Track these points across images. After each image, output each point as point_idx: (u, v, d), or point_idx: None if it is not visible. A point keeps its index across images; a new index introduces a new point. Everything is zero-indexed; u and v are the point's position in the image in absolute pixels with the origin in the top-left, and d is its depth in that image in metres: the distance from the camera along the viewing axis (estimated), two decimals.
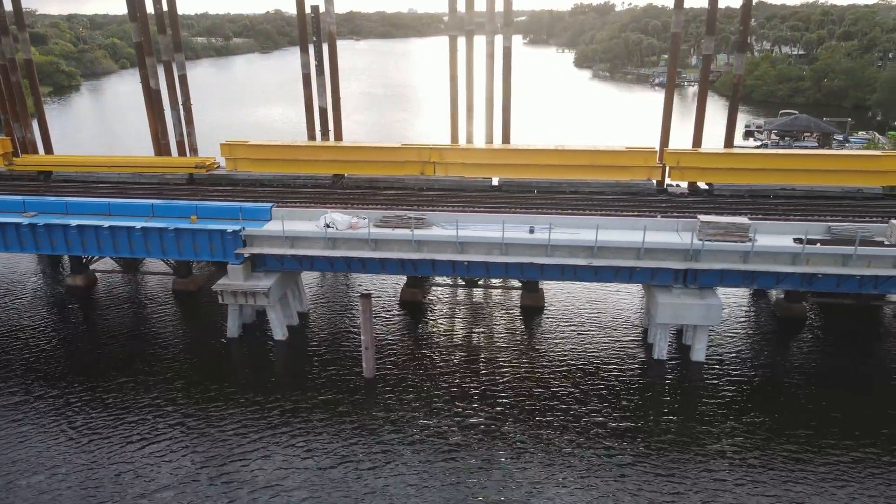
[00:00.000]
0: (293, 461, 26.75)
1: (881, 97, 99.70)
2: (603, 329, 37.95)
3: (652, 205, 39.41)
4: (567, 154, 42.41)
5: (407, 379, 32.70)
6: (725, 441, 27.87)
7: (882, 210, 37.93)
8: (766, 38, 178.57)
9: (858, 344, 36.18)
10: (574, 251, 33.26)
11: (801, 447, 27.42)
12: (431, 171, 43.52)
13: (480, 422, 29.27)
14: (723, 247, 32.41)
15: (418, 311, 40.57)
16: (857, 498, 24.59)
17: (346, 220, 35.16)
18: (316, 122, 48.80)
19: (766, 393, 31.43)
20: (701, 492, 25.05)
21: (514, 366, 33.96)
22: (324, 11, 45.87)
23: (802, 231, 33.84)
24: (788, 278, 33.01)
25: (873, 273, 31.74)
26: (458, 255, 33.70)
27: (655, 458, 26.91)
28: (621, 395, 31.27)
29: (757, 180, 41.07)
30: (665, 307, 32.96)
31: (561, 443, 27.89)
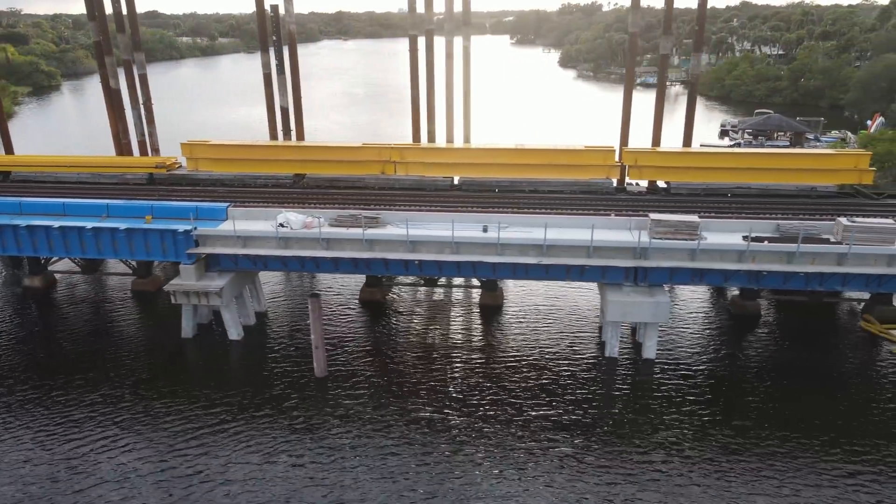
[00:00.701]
0: (234, 457, 26.78)
1: (854, 97, 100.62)
2: (560, 327, 38.16)
3: (609, 203, 39.61)
4: (526, 153, 42.60)
5: (359, 377, 32.77)
6: (664, 433, 28.19)
7: (834, 208, 38.32)
8: (746, 38, 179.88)
9: (807, 340, 36.57)
10: (524, 249, 33.43)
11: (735, 438, 27.84)
12: (392, 171, 43.59)
13: (428, 417, 29.40)
14: (671, 245, 32.69)
15: (377, 310, 40.63)
16: (788, 485, 24.95)
17: (301, 220, 35.16)
18: (279, 121, 48.68)
19: (710, 388, 31.72)
20: (636, 483, 25.31)
21: (467, 363, 34.10)
22: (284, 12, 45.80)
23: (752, 229, 34.19)
24: (736, 276, 33.33)
25: (817, 270, 32.10)
26: (410, 254, 33.80)
27: (595, 449, 27.23)
28: (568, 392, 31.47)
29: (713, 179, 41.41)
30: (615, 305, 33.20)
31: (504, 435, 28.14)
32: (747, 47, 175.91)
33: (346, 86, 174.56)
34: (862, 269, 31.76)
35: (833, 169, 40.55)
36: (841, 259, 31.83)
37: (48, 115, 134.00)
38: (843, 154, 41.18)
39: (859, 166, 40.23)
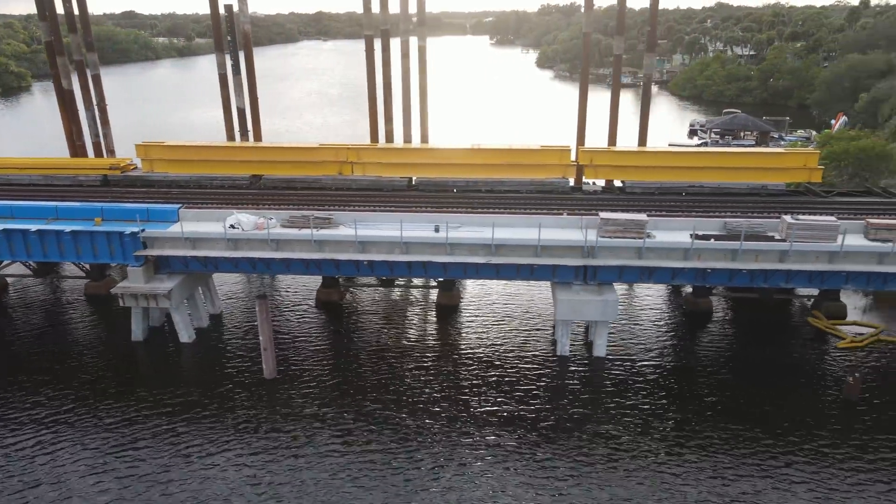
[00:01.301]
0: (174, 457, 26.66)
1: (819, 96, 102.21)
2: (515, 326, 38.33)
3: (564, 202, 39.82)
4: (483, 153, 42.71)
5: (309, 378, 32.66)
6: (606, 427, 28.57)
7: (783, 206, 38.83)
8: (718, 39, 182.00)
9: (755, 336, 37.17)
10: (474, 249, 33.53)
11: (675, 431, 28.35)
12: (349, 171, 43.46)
13: (377, 416, 29.48)
14: (618, 243, 32.96)
15: (333, 311, 40.54)
16: (723, 475, 25.38)
17: (252, 221, 34.95)
18: (235, 122, 48.30)
19: (656, 384, 32.05)
20: (575, 476, 25.59)
21: (420, 362, 34.13)
22: (237, 11, 45.50)
23: (701, 227, 34.67)
24: (683, 273, 33.70)
25: (761, 267, 32.56)
26: (360, 254, 33.75)
27: (537, 443, 27.55)
28: (517, 389, 31.64)
29: (667, 178, 41.80)
30: (563, 304, 33.42)
31: (450, 431, 28.42)
32: (720, 48, 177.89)
33: (322, 86, 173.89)
34: (804, 266, 32.26)
35: (783, 168, 41.12)
36: (783, 256, 32.31)
37: (15, 116, 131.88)
38: (793, 153, 41.80)
39: (808, 165, 40.84)
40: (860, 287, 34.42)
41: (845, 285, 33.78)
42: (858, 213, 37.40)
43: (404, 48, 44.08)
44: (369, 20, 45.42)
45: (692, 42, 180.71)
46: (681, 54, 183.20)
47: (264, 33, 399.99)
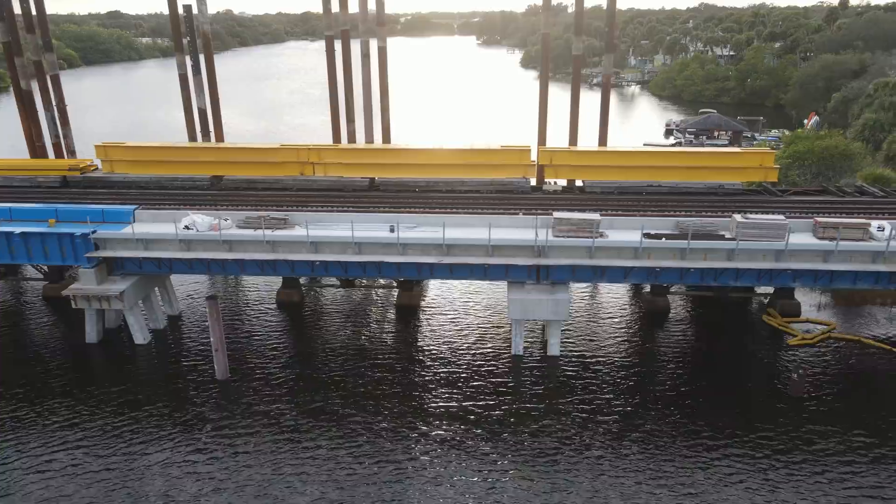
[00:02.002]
0: (115, 457, 26.67)
1: (793, 96, 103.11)
2: (475, 326, 38.46)
3: (523, 202, 40.02)
4: (443, 154, 42.84)
5: (262, 378, 32.62)
6: (548, 422, 28.81)
7: (738, 204, 39.16)
8: (699, 40, 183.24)
9: (710, 334, 37.65)
10: (426, 249, 33.63)
11: (617, 425, 28.70)
12: (311, 172, 43.44)
13: (328, 416, 29.57)
14: (568, 242, 33.17)
15: (293, 311, 40.53)
16: (662, 467, 25.57)
17: (207, 222, 34.89)
18: (197, 123, 48.16)
19: (605, 381, 32.24)
20: (512, 471, 25.83)
21: (375, 362, 34.19)
22: (197, 12, 45.39)
23: (654, 226, 34.97)
24: (634, 272, 33.95)
25: (710, 266, 32.88)
26: (313, 255, 33.77)
27: (481, 438, 27.81)
28: (468, 387, 31.77)
29: (625, 177, 42.07)
30: (515, 303, 33.60)
31: (399, 428, 28.63)
32: (701, 48, 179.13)
33: (303, 86, 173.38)
34: (751, 265, 32.60)
35: (739, 167, 41.48)
36: (730, 254, 32.62)
37: None
38: (749, 153, 42.18)
39: (764, 164, 41.23)
40: (808, 285, 34.80)
41: (793, 283, 34.16)
42: (812, 211, 37.80)
43: (364, 48, 44.08)
44: (328, 21, 45.40)
45: (673, 42, 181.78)
46: (662, 55, 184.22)
47: (251, 33, 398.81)
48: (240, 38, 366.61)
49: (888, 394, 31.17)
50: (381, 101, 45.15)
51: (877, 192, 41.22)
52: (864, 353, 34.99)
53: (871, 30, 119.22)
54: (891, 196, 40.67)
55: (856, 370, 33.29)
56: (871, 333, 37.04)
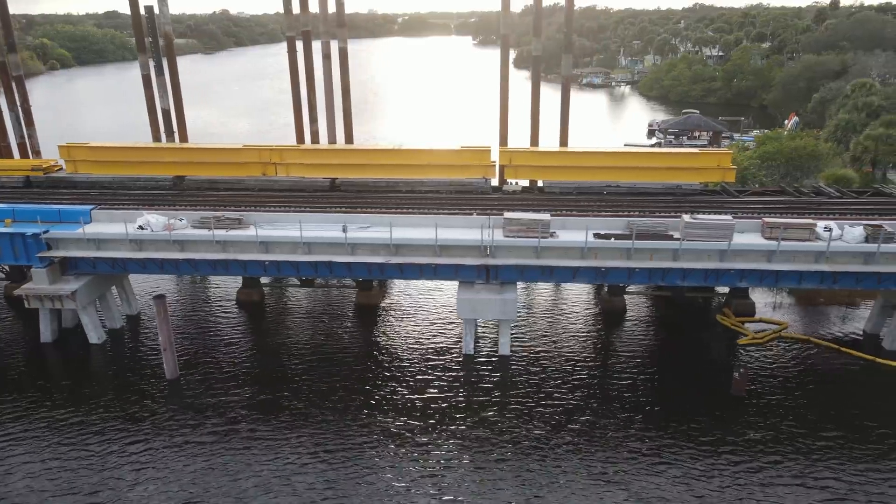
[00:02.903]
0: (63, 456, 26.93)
1: (775, 96, 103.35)
2: (431, 325, 38.71)
3: (481, 203, 40.24)
4: (403, 154, 43.04)
5: (212, 378, 32.87)
6: (487, 417, 29.05)
7: (693, 205, 39.36)
8: (689, 40, 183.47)
9: (664, 333, 37.87)
10: (375, 249, 33.85)
11: (556, 420, 29.06)
12: (273, 172, 43.66)
13: (273, 414, 29.85)
14: (515, 242, 33.39)
15: (253, 311, 40.81)
16: (591, 463, 25.88)
17: (161, 222, 35.12)
18: (161, 123, 48.39)
19: (552, 379, 32.48)
20: (454, 467, 26.13)
21: (328, 361, 34.51)
22: (158, 13, 45.62)
23: (606, 226, 35.17)
24: (582, 272, 34.15)
25: (656, 266, 33.08)
26: (264, 255, 34.01)
27: (421, 432, 28.19)
28: (416, 386, 32.08)
29: (584, 178, 42.24)
30: (464, 302, 33.84)
31: (341, 426, 28.94)
32: (691, 48, 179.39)
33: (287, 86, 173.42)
34: (696, 265, 32.81)
35: (697, 167, 41.68)
36: (676, 254, 32.83)
37: None
38: (706, 153, 42.40)
39: (722, 165, 41.44)
40: (754, 284, 34.99)
41: (739, 283, 34.35)
42: (766, 212, 37.99)
43: (325, 49, 44.28)
44: (289, 21, 45.59)
45: (662, 43, 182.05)
46: (653, 55, 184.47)
47: (247, 33, 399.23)
48: (235, 37, 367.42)
49: (829, 393, 31.39)
50: (343, 101, 45.39)
51: (832, 193, 41.43)
52: (813, 352, 35.22)
53: (856, 30, 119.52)
54: (846, 197, 40.88)
55: (801, 369, 33.51)
56: (823, 333, 37.29)
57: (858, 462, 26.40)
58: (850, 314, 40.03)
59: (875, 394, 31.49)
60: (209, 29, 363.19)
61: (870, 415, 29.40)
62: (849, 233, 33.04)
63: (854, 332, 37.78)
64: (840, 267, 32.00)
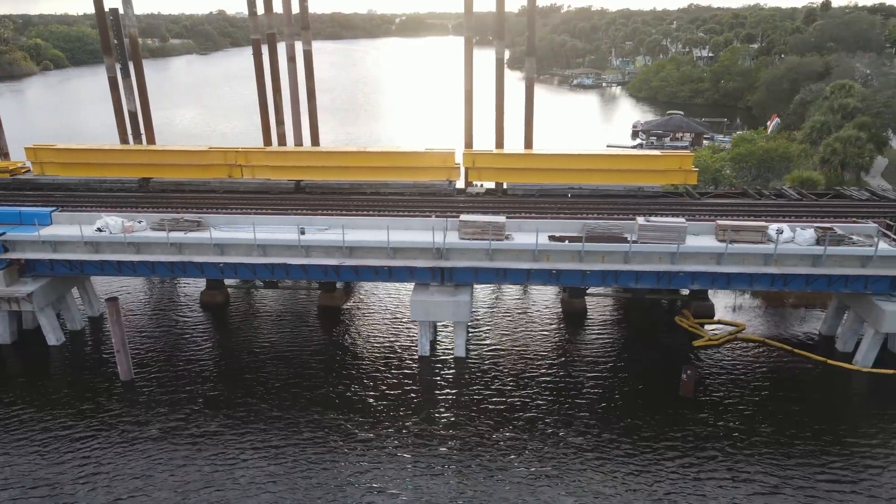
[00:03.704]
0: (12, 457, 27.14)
1: (759, 97, 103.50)
2: (392, 327, 38.84)
3: (444, 205, 40.41)
4: (368, 156, 43.26)
5: (167, 379, 33.02)
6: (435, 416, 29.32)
7: (651, 207, 39.57)
8: (679, 41, 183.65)
9: (622, 335, 38.03)
10: (330, 251, 34.04)
11: (497, 421, 29.20)
12: (239, 174, 43.85)
13: (223, 411, 30.16)
14: (470, 245, 33.57)
15: (216, 312, 40.96)
16: (529, 463, 26.07)
17: (120, 224, 35.29)
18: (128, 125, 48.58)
19: (505, 381, 32.65)
20: (396, 462, 26.33)
21: (285, 363, 34.64)
22: (123, 14, 45.81)
23: (562, 228, 35.35)
24: (536, 274, 34.33)
25: (609, 268, 33.25)
26: (219, 257, 34.19)
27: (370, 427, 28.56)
28: (368, 386, 32.34)
29: (547, 180, 42.49)
30: (416, 304, 34.00)
31: (292, 426, 29.20)
32: (681, 49, 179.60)
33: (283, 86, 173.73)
34: (646, 267, 32.99)
35: (659, 170, 41.93)
36: (627, 257, 33.01)
37: None
38: (668, 156, 42.63)
39: (683, 167, 41.68)
40: (706, 286, 35.19)
41: (691, 285, 34.56)
42: (726, 214, 38.19)
43: (290, 52, 44.47)
44: (255, 24, 45.79)
45: (653, 44, 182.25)
46: (643, 56, 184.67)
47: (243, 34, 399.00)
48: (231, 38, 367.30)
49: (776, 393, 31.57)
50: (309, 103, 45.58)
51: (793, 195, 41.64)
52: (767, 354, 35.40)
53: (843, 31, 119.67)
54: (806, 199, 41.09)
55: (753, 371, 33.68)
56: (782, 335, 37.47)
57: (791, 457, 26.80)
58: (811, 316, 40.23)
59: (820, 394, 31.75)
60: (205, 29, 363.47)
61: (810, 413, 29.76)
62: (800, 235, 33.24)
63: (812, 333, 37.97)
64: (788, 269, 32.20)
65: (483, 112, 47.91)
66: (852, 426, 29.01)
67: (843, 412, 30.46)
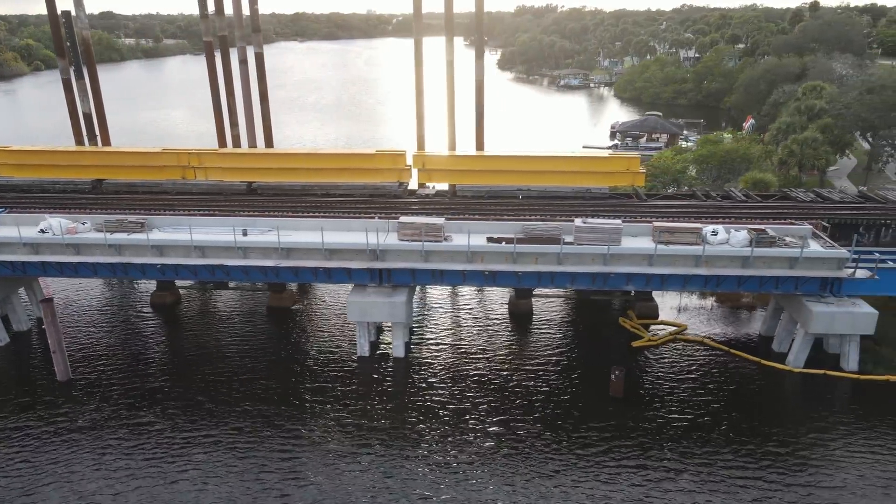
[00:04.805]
0: None
1: (737, 98, 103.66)
2: (337, 328, 39.11)
3: (390, 206, 40.67)
4: (319, 158, 43.49)
5: (105, 379, 33.35)
6: (371, 410, 29.51)
7: (594, 208, 39.79)
8: (666, 41, 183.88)
9: (564, 336, 38.26)
10: (267, 252, 34.26)
11: (420, 417, 29.29)
12: (193, 176, 44.08)
13: (162, 413, 30.49)
14: (406, 246, 33.79)
15: (165, 313, 41.24)
16: (452, 461, 26.31)
17: (65, 225, 35.52)
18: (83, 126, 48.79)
19: (438, 380, 32.92)
20: (336, 453, 26.50)
21: (224, 361, 35.08)
22: (75, 16, 46.01)
23: (502, 230, 35.55)
24: (472, 275, 34.55)
25: (544, 269, 33.46)
26: (157, 258, 34.42)
27: (296, 421, 28.68)
28: (306, 385, 32.71)
29: (496, 182, 42.71)
30: (353, 305, 34.26)
31: (228, 428, 29.55)
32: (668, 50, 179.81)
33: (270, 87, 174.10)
34: (579, 268, 33.18)
35: (606, 172, 42.14)
36: (560, 258, 33.21)
37: None
38: (616, 158, 42.86)
39: (631, 169, 41.90)
40: (640, 287, 35.39)
41: (626, 286, 34.78)
42: (673, 216, 38.36)
43: (241, 54, 44.72)
44: (206, 26, 46.04)
45: (640, 44, 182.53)
46: (631, 57, 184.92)
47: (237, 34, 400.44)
48: None
49: (705, 392, 31.82)
50: (261, 105, 45.79)
51: (739, 197, 41.87)
52: (706, 354, 35.64)
53: (826, 32, 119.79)
54: (751, 200, 41.32)
55: (687, 371, 33.91)
56: (724, 336, 37.69)
57: (716, 455, 27.20)
58: (755, 317, 40.43)
59: (751, 394, 31.94)
60: (198, 30, 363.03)
61: (740, 413, 30.09)
62: (734, 237, 33.44)
63: (753, 334, 38.21)
64: (718, 270, 32.41)
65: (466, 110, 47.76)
66: (780, 426, 29.21)
67: (772, 412, 30.62)
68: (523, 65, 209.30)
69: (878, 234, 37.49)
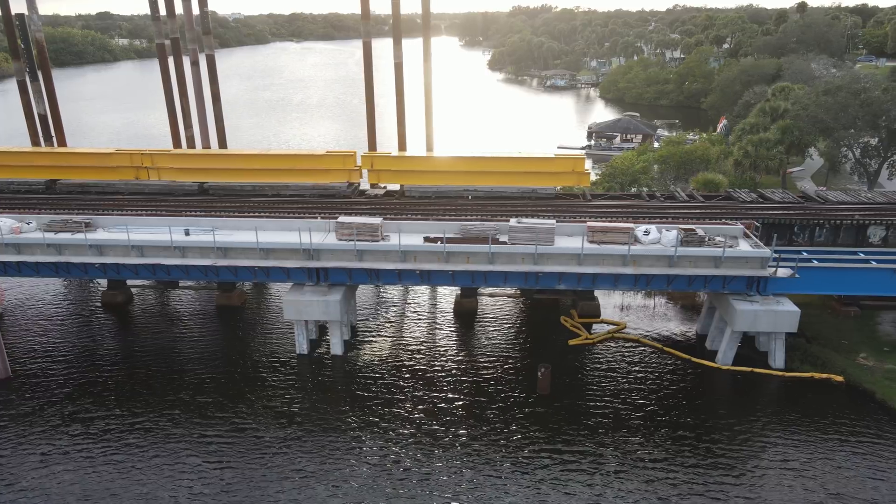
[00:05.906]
0: None
1: (713, 99, 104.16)
2: (281, 327, 39.52)
3: (338, 206, 41.16)
4: (270, 158, 43.99)
5: (48, 377, 33.81)
6: (291, 408, 30.01)
7: (538, 209, 40.28)
8: (651, 42, 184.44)
9: (502, 334, 38.68)
10: (205, 252, 34.74)
11: (353, 414, 29.75)
12: (146, 176, 44.57)
13: (96, 405, 31.12)
14: (339, 246, 34.26)
15: (115, 312, 41.73)
16: (387, 457, 26.82)
17: (8, 225, 36.02)
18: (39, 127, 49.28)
19: (372, 377, 33.41)
20: (266, 442, 26.99)
21: (167, 358, 35.69)
22: (28, 18, 46.51)
23: (440, 230, 35.97)
24: (407, 275, 35.03)
25: (475, 269, 33.92)
26: (97, 258, 34.89)
27: (231, 413, 29.10)
28: (245, 383, 33.29)
29: (443, 182, 43.19)
30: (289, 304, 34.77)
31: (169, 413, 30.52)
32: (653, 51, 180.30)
33: (258, 87, 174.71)
34: (510, 268, 33.65)
35: (552, 172, 42.61)
36: (491, 258, 33.67)
37: None
38: (561, 159, 43.29)
39: (576, 170, 42.37)
40: (572, 286, 35.69)
41: (558, 285, 35.17)
42: (612, 216, 38.88)
43: (193, 56, 45.22)
44: (158, 29, 46.54)
45: (626, 45, 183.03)
46: (618, 57, 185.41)
47: (233, 35, 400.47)
48: (221, 39, 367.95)
49: (630, 388, 32.30)
50: (214, 107, 46.26)
51: (682, 196, 42.36)
52: (641, 352, 36.11)
53: (805, 33, 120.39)
54: (693, 201, 41.81)
55: (620, 369, 34.36)
56: (661, 334, 38.17)
57: (620, 437, 27.94)
58: (695, 315, 40.86)
59: (679, 391, 32.39)
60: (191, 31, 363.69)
61: (665, 408, 30.59)
62: (665, 236, 33.92)
63: (690, 333, 38.70)
64: (645, 270, 32.87)
65: (456, 111, 48.33)
66: (697, 418, 29.77)
67: (692, 406, 31.10)
68: (513, 65, 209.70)
69: (812, 234, 37.97)
